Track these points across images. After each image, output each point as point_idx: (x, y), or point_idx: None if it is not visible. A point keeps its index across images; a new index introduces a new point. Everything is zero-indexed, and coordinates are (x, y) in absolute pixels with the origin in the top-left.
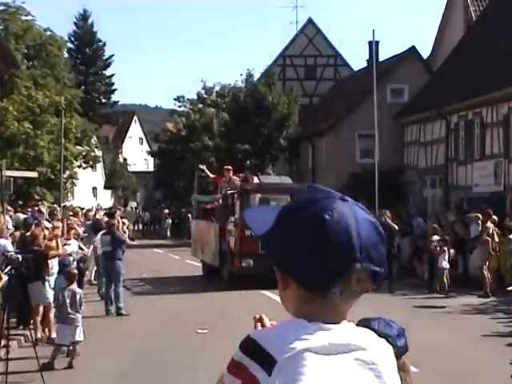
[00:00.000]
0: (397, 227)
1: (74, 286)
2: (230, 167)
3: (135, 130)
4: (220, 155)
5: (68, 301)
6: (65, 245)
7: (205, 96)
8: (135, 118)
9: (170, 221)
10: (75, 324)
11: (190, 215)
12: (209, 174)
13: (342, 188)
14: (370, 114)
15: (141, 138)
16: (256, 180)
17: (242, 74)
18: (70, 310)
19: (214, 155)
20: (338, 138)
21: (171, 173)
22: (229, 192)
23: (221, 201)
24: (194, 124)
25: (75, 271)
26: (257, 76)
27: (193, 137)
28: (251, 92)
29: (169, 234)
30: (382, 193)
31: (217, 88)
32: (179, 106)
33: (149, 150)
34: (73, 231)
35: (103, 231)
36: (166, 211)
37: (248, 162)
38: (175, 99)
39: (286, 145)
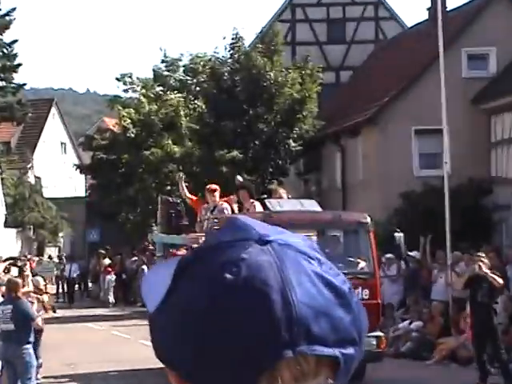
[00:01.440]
0: (501, 281)
1: None
2: (215, 187)
3: (54, 129)
4: (193, 168)
5: None
6: None
7: (166, 73)
8: (54, 110)
9: (114, 277)
10: None
11: (146, 267)
12: (186, 193)
13: (391, 217)
14: (433, 97)
15: (63, 143)
16: (259, 207)
17: (225, 37)
18: None
19: (184, 169)
20: (384, 138)
21: (114, 199)
22: (215, 226)
23: (202, 240)
24: (149, 119)
25: None
26: (249, 40)
27: (147, 140)
28: (241, 65)
29: (112, 298)
30: (456, 223)
31: (185, 60)
32: (125, 91)
33: (77, 162)
34: None
35: (1, 299)
36: (107, 261)
37: (239, 177)
38: (118, 79)
39: (299, 150)
